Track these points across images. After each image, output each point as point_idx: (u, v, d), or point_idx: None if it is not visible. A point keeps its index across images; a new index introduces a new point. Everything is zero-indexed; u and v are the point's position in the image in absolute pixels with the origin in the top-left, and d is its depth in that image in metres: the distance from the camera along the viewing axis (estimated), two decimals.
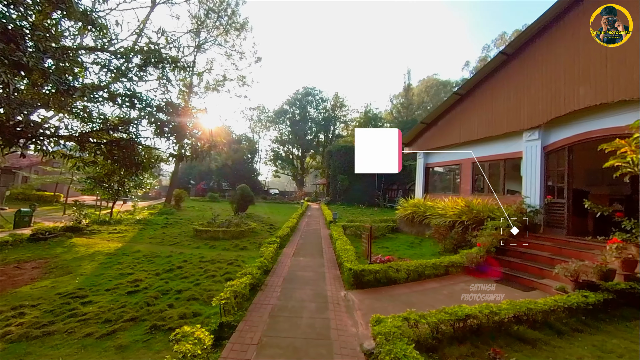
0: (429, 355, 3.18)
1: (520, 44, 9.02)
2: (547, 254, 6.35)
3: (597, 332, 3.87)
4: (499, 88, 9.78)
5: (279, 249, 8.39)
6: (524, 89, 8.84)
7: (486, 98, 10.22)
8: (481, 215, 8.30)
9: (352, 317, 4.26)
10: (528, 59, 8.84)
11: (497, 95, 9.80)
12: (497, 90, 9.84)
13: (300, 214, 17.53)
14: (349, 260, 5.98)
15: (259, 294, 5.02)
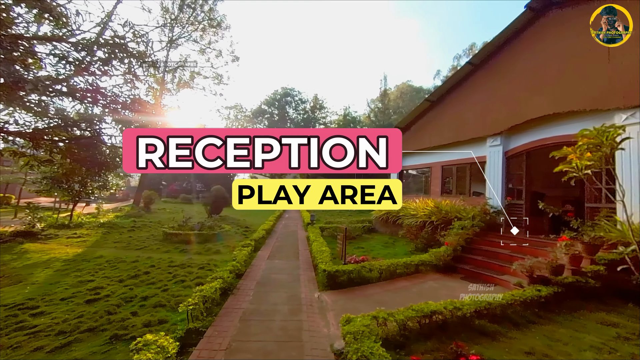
0: (397, 351, 3.28)
1: (485, 55, 9.65)
2: (507, 252, 6.81)
3: (548, 323, 4.21)
4: (466, 96, 10.38)
5: (253, 252, 8.25)
6: (489, 97, 9.46)
7: (455, 105, 10.79)
8: (449, 215, 8.73)
9: (325, 318, 4.29)
10: (492, 69, 9.47)
11: (465, 102, 10.39)
12: (464, 98, 10.43)
13: (278, 216, 17.36)
14: (324, 262, 6.02)
15: (230, 299, 4.90)
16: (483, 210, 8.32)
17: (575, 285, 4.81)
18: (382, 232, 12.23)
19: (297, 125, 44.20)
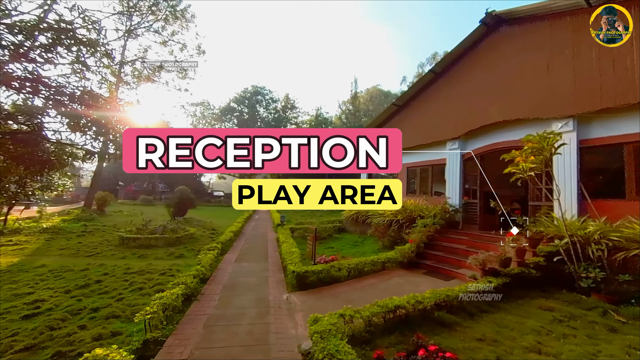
0: (362, 347, 3.38)
1: (445, 65, 10.33)
2: (464, 247, 7.35)
3: (498, 311, 4.61)
4: (429, 102, 11.01)
5: (220, 255, 7.95)
6: (449, 104, 10.13)
7: (419, 110, 11.40)
8: (413, 214, 9.19)
9: (293, 319, 4.27)
10: (452, 78, 10.17)
11: (428, 108, 11.02)
12: (427, 104, 11.07)
13: (247, 217, 16.92)
14: (293, 263, 5.99)
15: (193, 305, 4.67)
16: (443, 209, 8.89)
17: (520, 275, 5.33)
18: (352, 231, 12.49)
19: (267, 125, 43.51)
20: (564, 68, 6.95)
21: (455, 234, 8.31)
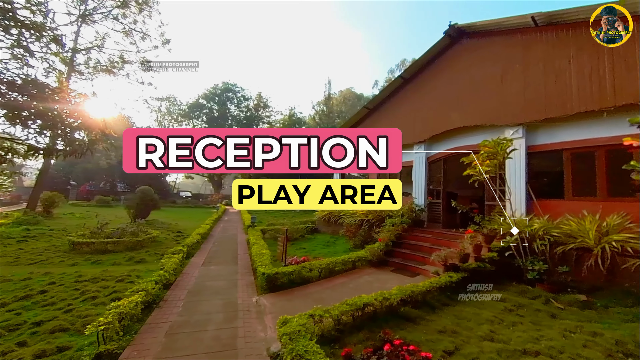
0: (331, 346, 3.42)
1: (414, 71, 10.85)
2: (428, 245, 7.77)
3: (458, 303, 4.94)
4: (398, 106, 11.48)
5: (185, 258, 7.57)
6: (416, 109, 10.65)
7: (389, 114, 11.84)
8: (383, 214, 9.51)
9: (263, 322, 4.20)
10: (419, 84, 10.70)
11: (397, 112, 11.48)
12: (397, 108, 11.53)
13: (216, 219, 16.30)
14: (263, 265, 5.89)
15: (155, 312, 4.39)
16: (410, 209, 9.32)
17: (477, 270, 5.76)
18: (325, 231, 12.59)
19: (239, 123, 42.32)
20: (515, 80, 7.65)
21: (420, 232, 8.75)
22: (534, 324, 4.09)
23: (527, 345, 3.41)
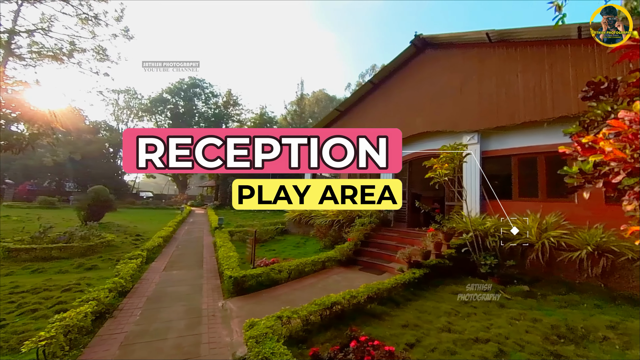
0: (299, 346, 3.43)
1: (382, 77, 11.28)
2: (394, 243, 8.12)
3: (420, 298, 5.23)
4: (368, 110, 11.85)
5: (145, 263, 7.08)
6: (384, 113, 11.07)
7: (359, 117, 12.16)
8: (353, 214, 9.75)
9: (229, 326, 4.08)
10: (387, 90, 11.15)
11: (367, 115, 11.84)
12: (367, 111, 11.89)
13: (180, 220, 15.45)
14: (230, 268, 5.72)
15: (108, 323, 4.05)
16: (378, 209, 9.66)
17: (438, 266, 6.16)
18: (295, 233, 12.55)
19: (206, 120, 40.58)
20: (472, 91, 8.32)
21: (387, 232, 9.11)
22: (486, 314, 4.47)
23: (479, 334, 3.73)
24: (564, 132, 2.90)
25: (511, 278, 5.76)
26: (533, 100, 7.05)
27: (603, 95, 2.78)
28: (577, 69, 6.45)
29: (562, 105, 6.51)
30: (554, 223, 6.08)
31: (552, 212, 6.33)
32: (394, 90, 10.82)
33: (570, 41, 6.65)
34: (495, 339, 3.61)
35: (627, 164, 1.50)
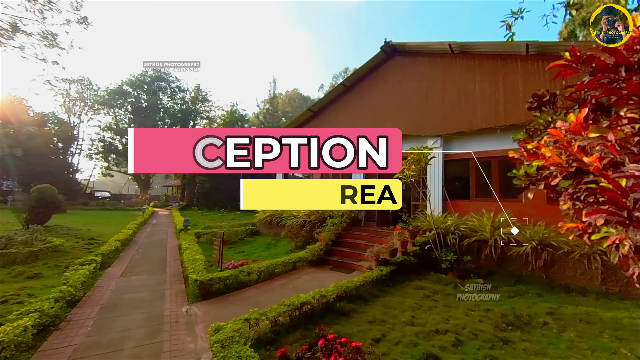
0: (267, 348, 3.40)
1: (354, 80, 11.55)
2: (364, 242, 8.35)
3: (386, 294, 5.43)
4: (340, 111, 12.05)
5: (99, 269, 6.52)
6: (356, 115, 11.34)
7: (331, 118, 12.32)
8: (325, 214, 9.84)
9: (193, 332, 3.91)
10: (359, 92, 11.43)
11: (339, 117, 12.04)
12: (339, 113, 12.09)
13: (141, 222, 14.45)
14: (196, 271, 5.48)
15: (54, 336, 3.66)
16: (349, 208, 9.87)
17: (404, 263, 6.45)
18: (266, 234, 12.35)
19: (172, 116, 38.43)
20: (436, 97, 8.85)
21: (358, 231, 9.34)
22: (446, 307, 4.78)
23: (439, 326, 3.98)
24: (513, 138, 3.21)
25: (468, 272, 6.22)
26: (489, 109, 7.69)
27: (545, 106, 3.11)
28: (526, 81, 7.17)
29: (513, 114, 7.18)
30: (505, 221, 6.68)
31: (503, 210, 6.95)
32: (366, 93, 11.14)
33: (520, 56, 7.37)
34: (453, 329, 3.88)
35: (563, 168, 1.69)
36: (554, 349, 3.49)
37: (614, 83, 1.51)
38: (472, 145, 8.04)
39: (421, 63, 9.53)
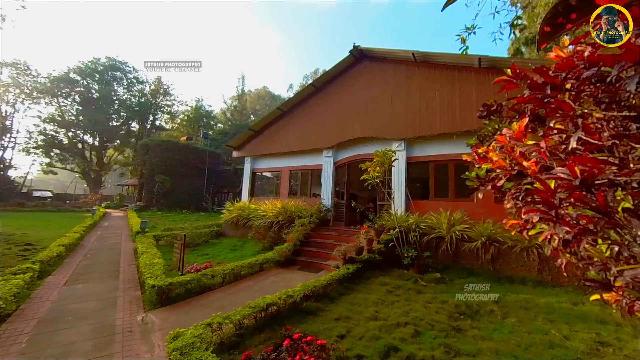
0: (230, 352, 3.30)
1: (324, 81, 11.68)
2: (332, 241, 8.48)
3: (352, 292, 5.57)
4: (310, 112, 12.10)
5: (38, 278, 5.79)
6: (325, 116, 11.48)
7: (302, 118, 12.33)
8: (293, 214, 9.82)
9: (149, 341, 3.65)
10: (329, 94, 11.60)
11: (309, 117, 12.08)
12: (309, 113, 12.13)
13: (90, 225, 13.10)
14: (154, 276, 5.13)
15: None
16: (318, 209, 9.95)
17: (369, 260, 6.68)
18: (232, 235, 11.95)
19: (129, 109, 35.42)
20: (400, 102, 9.30)
21: (326, 230, 9.46)
22: (407, 301, 5.05)
23: (400, 319, 4.19)
24: (467, 143, 3.52)
25: (427, 267, 6.64)
26: (447, 115, 8.29)
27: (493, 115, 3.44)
28: (478, 91, 7.85)
29: (467, 121, 7.83)
30: (459, 219, 7.25)
31: (458, 209, 7.53)
32: (335, 95, 11.33)
33: (474, 69, 8.05)
34: (413, 321, 4.11)
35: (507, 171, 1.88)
36: (498, 334, 3.87)
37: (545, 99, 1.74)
38: (432, 149, 8.61)
39: (387, 69, 9.95)
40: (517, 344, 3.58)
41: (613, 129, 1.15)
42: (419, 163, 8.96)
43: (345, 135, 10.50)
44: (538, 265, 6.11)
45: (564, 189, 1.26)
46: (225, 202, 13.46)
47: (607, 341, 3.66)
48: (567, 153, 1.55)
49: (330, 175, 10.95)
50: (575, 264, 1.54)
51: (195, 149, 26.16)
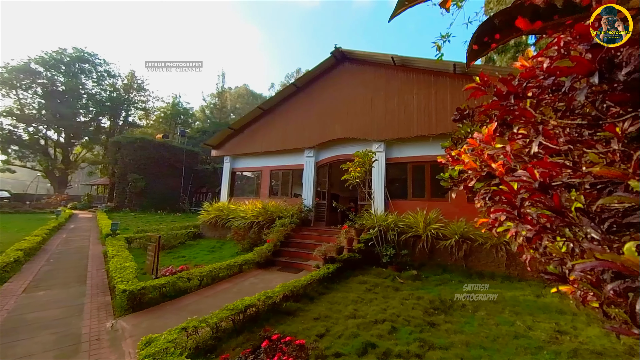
0: (207, 356, 3.21)
1: (305, 82, 11.67)
2: (313, 241, 8.50)
3: (332, 291, 5.62)
4: (291, 111, 12.03)
5: None
6: (307, 116, 11.47)
7: (282, 117, 12.23)
8: (274, 215, 9.72)
9: (119, 349, 3.46)
10: (310, 94, 11.59)
11: (290, 117, 12.01)
12: (290, 113, 12.06)
13: (54, 227, 12.20)
14: (125, 280, 4.87)
15: None
16: (299, 209, 9.92)
17: (349, 259, 6.77)
18: (210, 236, 11.62)
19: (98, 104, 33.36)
20: (380, 105, 9.51)
21: (307, 231, 9.46)
22: (384, 298, 5.17)
23: (378, 316, 4.28)
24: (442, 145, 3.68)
25: (405, 265, 6.84)
26: (424, 118, 8.58)
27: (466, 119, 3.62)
28: (453, 96, 8.20)
29: (443, 124, 8.15)
30: (435, 218, 7.53)
31: (433, 209, 7.83)
32: (317, 95, 11.35)
33: (449, 74, 8.40)
34: (390, 318, 4.22)
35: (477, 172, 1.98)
36: (469, 327, 4.07)
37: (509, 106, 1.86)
38: (410, 151, 8.88)
39: (368, 71, 10.12)
40: (485, 335, 3.79)
41: (568, 135, 1.25)
42: (398, 164, 9.21)
43: (327, 135, 10.56)
44: (506, 261, 6.49)
45: (525, 190, 1.36)
46: (204, 203, 13.02)
47: (565, 330, 3.97)
48: (530, 156, 1.66)
49: (311, 175, 10.95)
50: (538, 260, 1.64)
51: (171, 147, 25.15)
